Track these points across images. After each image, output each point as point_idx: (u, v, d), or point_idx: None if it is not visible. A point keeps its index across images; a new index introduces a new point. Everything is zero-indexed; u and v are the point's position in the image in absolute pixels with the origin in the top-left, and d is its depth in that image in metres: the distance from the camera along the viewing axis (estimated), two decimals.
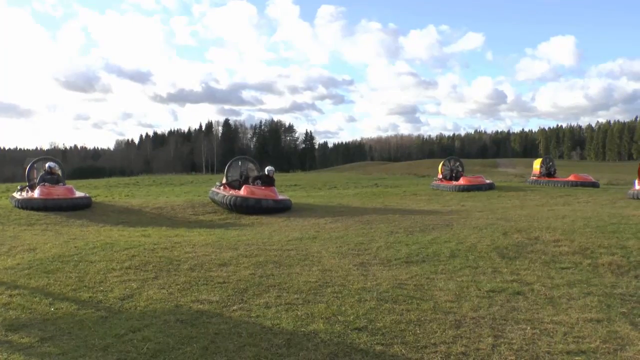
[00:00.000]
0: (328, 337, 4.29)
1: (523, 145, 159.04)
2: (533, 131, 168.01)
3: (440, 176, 22.07)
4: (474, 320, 4.72)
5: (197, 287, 5.82)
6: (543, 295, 5.53)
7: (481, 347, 4.09)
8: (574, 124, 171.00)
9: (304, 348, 4.08)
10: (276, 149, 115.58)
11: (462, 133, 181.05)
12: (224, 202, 14.14)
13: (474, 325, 4.60)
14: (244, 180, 15.90)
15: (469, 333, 4.40)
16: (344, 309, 5.02)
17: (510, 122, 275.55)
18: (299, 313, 4.91)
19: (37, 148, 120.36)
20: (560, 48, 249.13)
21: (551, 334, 4.38)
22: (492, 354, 3.96)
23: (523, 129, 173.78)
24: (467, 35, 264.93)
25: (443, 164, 22.32)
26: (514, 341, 4.20)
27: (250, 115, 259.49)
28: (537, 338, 4.28)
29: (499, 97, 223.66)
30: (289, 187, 30.49)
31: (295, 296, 5.45)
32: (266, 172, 15.76)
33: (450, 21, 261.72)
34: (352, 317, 4.77)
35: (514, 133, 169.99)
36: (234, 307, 5.10)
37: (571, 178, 22.00)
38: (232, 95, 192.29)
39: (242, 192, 14.15)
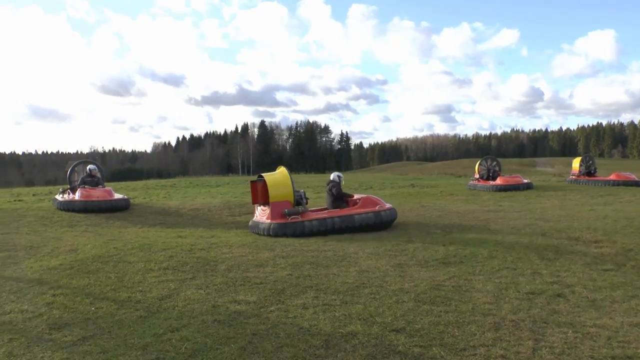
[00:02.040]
0: (366, 339, 4.27)
1: (562, 144, 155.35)
2: (572, 129, 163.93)
3: (477, 176, 21.74)
4: (514, 322, 4.64)
5: (235, 288, 5.87)
6: (585, 298, 5.40)
7: (521, 350, 4.01)
8: (614, 121, 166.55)
9: (342, 349, 4.07)
10: (312, 150, 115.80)
11: (499, 132, 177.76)
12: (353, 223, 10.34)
13: (513, 327, 4.51)
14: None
15: (508, 336, 4.32)
16: (381, 310, 5.00)
17: (548, 120, 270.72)
18: (336, 314, 4.90)
19: (77, 151, 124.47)
20: (599, 43, 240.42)
21: (594, 338, 4.27)
22: (532, 358, 3.88)
23: (561, 127, 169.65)
24: (502, 32, 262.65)
25: (480, 164, 21.96)
26: (555, 345, 4.11)
27: (285, 116, 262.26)
28: (579, 342, 4.17)
29: (536, 95, 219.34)
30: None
31: (333, 297, 5.45)
32: (338, 180, 12.09)
33: (483, 18, 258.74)
34: (389, 319, 4.74)
35: (552, 131, 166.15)
36: (272, 308, 5.13)
37: (613, 177, 21.42)
38: (265, 97, 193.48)
39: (366, 206, 10.85)
